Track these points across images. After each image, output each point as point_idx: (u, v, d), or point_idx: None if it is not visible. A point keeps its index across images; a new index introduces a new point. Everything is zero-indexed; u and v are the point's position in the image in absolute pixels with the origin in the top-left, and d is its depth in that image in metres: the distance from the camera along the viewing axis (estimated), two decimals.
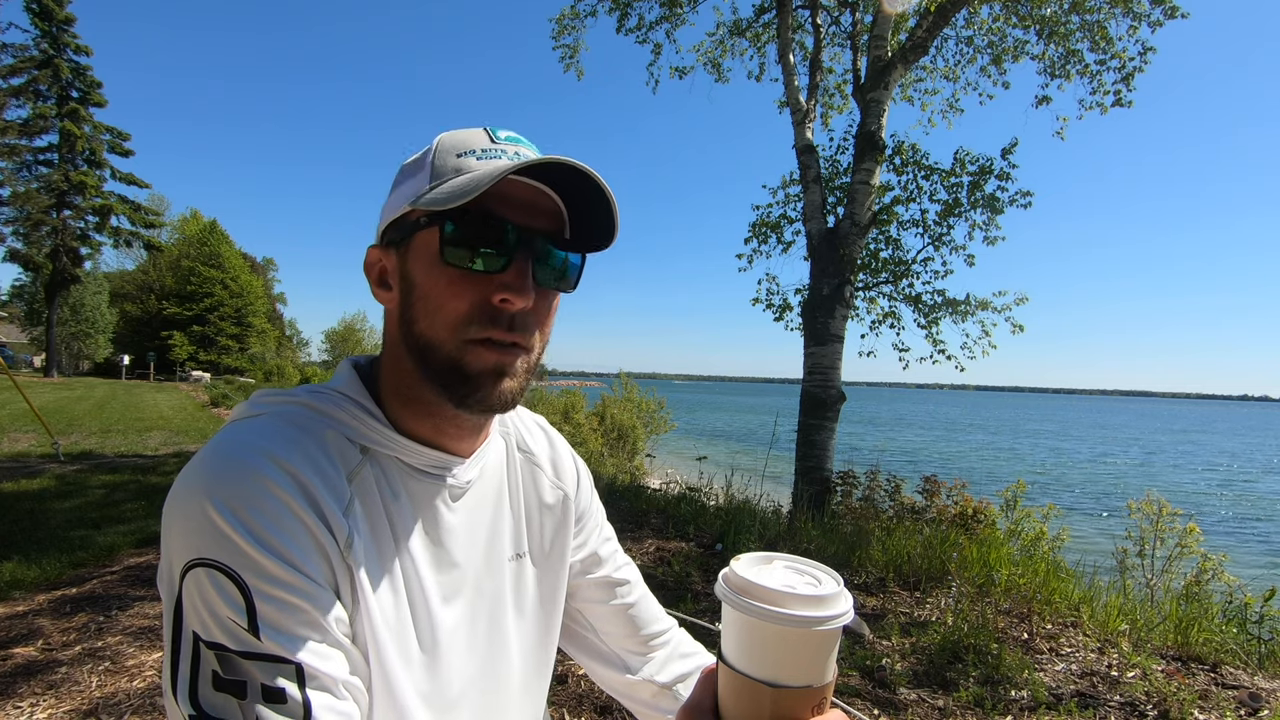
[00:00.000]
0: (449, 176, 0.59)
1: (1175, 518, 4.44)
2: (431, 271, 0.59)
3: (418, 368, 0.61)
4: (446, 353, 0.59)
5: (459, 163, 0.60)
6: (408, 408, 0.65)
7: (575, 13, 8.22)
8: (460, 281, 0.59)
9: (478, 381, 0.60)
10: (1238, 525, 13.72)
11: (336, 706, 0.51)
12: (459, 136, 0.63)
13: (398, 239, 0.62)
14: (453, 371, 0.59)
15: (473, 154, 0.60)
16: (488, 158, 0.60)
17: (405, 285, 0.62)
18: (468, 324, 0.59)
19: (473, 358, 0.59)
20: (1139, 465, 28.27)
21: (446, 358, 0.59)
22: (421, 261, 0.60)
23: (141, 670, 2.78)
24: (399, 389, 0.65)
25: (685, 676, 0.84)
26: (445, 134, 0.64)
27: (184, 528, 0.52)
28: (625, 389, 19.46)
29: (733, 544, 4.75)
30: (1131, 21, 6.54)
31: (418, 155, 0.63)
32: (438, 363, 0.60)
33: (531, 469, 0.80)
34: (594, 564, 0.85)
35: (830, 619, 0.48)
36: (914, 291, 7.27)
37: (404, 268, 0.62)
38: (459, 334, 0.59)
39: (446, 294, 0.59)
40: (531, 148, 0.64)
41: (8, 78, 29.11)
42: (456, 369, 0.59)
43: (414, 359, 0.61)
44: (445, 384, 0.60)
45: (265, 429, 0.58)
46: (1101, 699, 2.71)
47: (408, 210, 0.60)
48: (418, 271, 0.61)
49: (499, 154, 0.60)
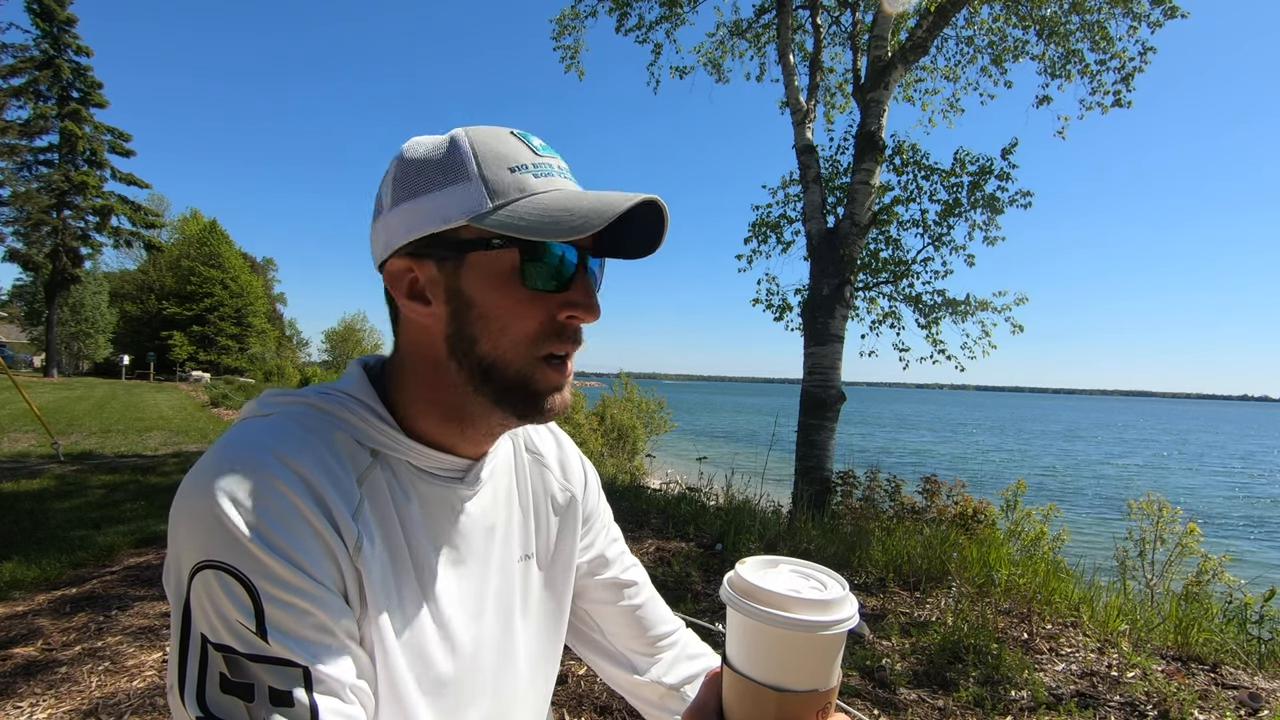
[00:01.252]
0: (514, 196, 0.57)
1: (1176, 518, 4.45)
2: (500, 292, 0.58)
3: (473, 384, 0.60)
4: (515, 370, 0.59)
5: (517, 180, 0.57)
6: (437, 415, 0.63)
7: (575, 13, 8.22)
8: (531, 301, 0.58)
9: (544, 397, 0.61)
10: (1262, 530, 13.43)
11: (344, 710, 0.51)
12: (497, 145, 0.59)
13: (444, 253, 0.59)
14: (520, 389, 0.60)
15: (525, 170, 0.58)
16: (542, 174, 0.59)
17: (459, 303, 0.59)
18: (538, 342, 0.59)
19: (540, 375, 0.60)
20: (1153, 468, 27.62)
21: (515, 375, 0.59)
22: (484, 281, 0.58)
23: (141, 670, 2.78)
24: (431, 399, 0.63)
25: (693, 678, 0.84)
26: (471, 134, 0.60)
27: (192, 528, 0.51)
28: (625, 389, 19.47)
29: (733, 544, 4.75)
30: (1131, 22, 6.55)
31: (441, 156, 0.59)
32: (504, 380, 0.60)
33: (540, 470, 0.80)
34: (601, 565, 0.84)
35: (835, 624, 0.48)
36: (914, 291, 7.28)
37: (455, 284, 0.59)
38: (529, 352, 0.59)
39: (517, 314, 0.58)
40: (560, 155, 0.63)
41: (8, 78, 29.09)
42: (524, 386, 0.60)
43: (469, 375, 0.60)
44: (509, 400, 0.60)
45: (274, 429, 0.57)
46: (1101, 699, 2.71)
47: (462, 225, 0.57)
48: (478, 290, 0.58)
49: (548, 169, 0.60)
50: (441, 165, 0.59)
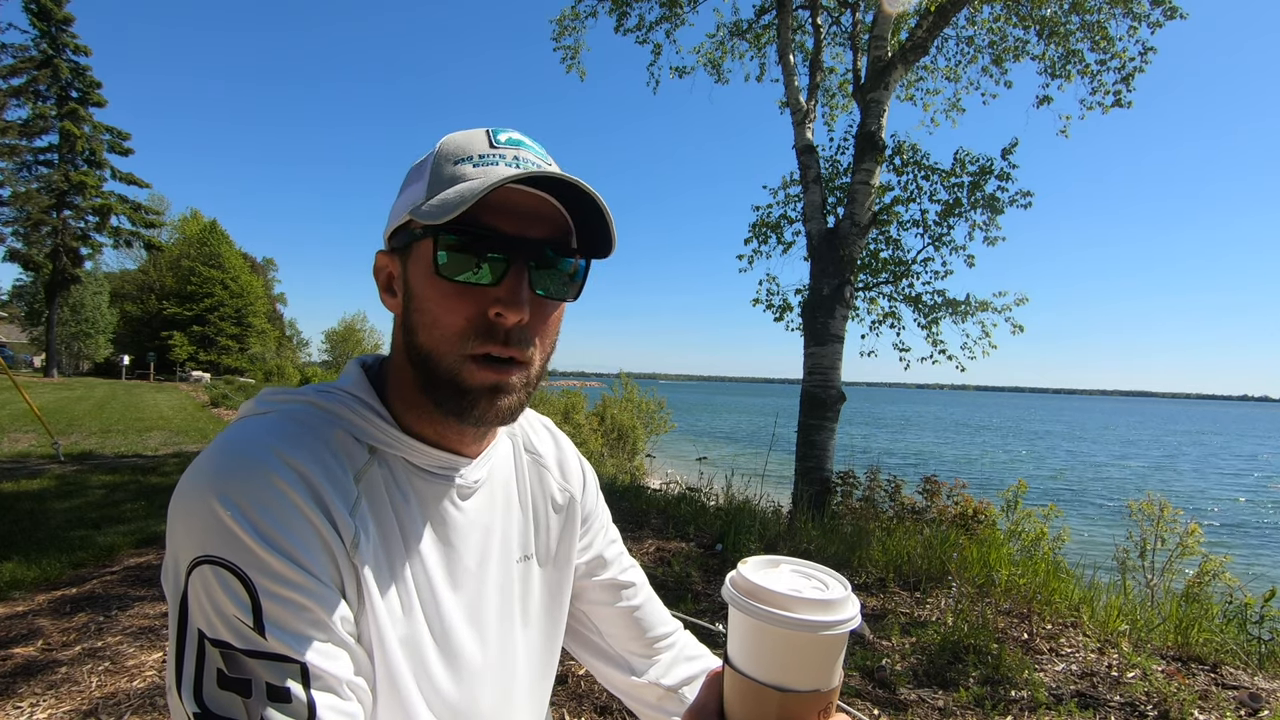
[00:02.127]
0: (444, 186, 0.58)
1: (1176, 518, 4.45)
2: (428, 283, 0.59)
3: (418, 377, 0.61)
4: (445, 366, 0.59)
5: (455, 170, 0.59)
6: (412, 411, 0.65)
7: (575, 14, 8.22)
8: (456, 295, 0.58)
9: (474, 398, 0.59)
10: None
11: (341, 707, 0.51)
12: (459, 141, 0.62)
13: (401, 246, 0.62)
14: (450, 386, 0.59)
15: (469, 161, 0.59)
16: (485, 164, 0.59)
17: (407, 294, 0.62)
18: (465, 338, 0.58)
19: (468, 374, 0.59)
20: (1162, 470, 26.84)
21: (445, 371, 0.59)
22: (419, 272, 0.60)
23: (141, 670, 2.78)
24: (403, 393, 0.65)
25: (691, 679, 0.84)
26: (448, 137, 0.63)
27: (190, 525, 0.52)
28: (625, 389, 19.47)
29: (733, 544, 4.75)
30: (1131, 22, 6.55)
31: (422, 159, 0.63)
32: (436, 375, 0.60)
33: (539, 470, 0.80)
34: (599, 566, 0.84)
35: (837, 624, 0.48)
36: (914, 292, 7.28)
37: (406, 276, 0.62)
38: (457, 348, 0.59)
39: (443, 307, 0.58)
40: (536, 150, 0.63)
41: (7, 78, 29.07)
42: (453, 383, 0.59)
43: (415, 368, 0.61)
44: (443, 397, 0.60)
45: (273, 427, 0.57)
46: (1101, 699, 2.71)
47: (407, 219, 0.60)
48: (416, 282, 0.61)
49: (497, 159, 0.59)
50: (418, 167, 0.63)
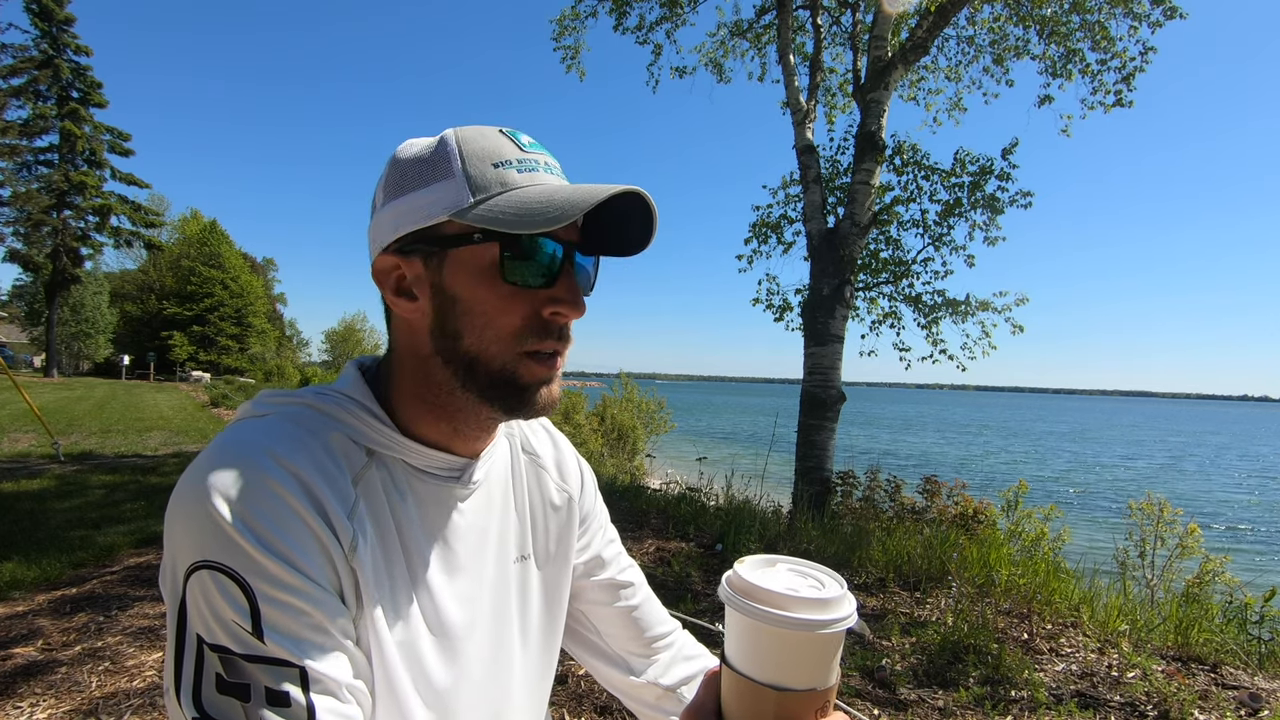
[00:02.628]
0: (495, 190, 0.57)
1: (1176, 518, 4.45)
2: (483, 287, 0.58)
3: (459, 379, 0.61)
4: (499, 366, 0.59)
5: (500, 175, 0.58)
6: (428, 413, 0.64)
7: (576, 14, 8.21)
8: (514, 297, 0.59)
9: (531, 392, 0.61)
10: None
11: (340, 710, 0.51)
12: (483, 142, 0.60)
13: (428, 249, 0.60)
14: (506, 384, 0.60)
15: (509, 165, 0.59)
16: (526, 170, 0.59)
17: (443, 298, 0.60)
18: (522, 338, 0.59)
19: (525, 370, 0.60)
20: (1169, 471, 26.25)
21: (499, 370, 0.60)
22: (467, 276, 0.59)
23: (141, 670, 2.78)
24: (421, 396, 0.63)
25: (689, 679, 0.84)
26: (459, 133, 0.60)
27: (188, 529, 0.51)
28: (625, 389, 19.47)
29: (733, 544, 4.75)
30: (1132, 22, 6.55)
31: (428, 155, 0.60)
32: (489, 375, 0.60)
33: (536, 470, 0.80)
34: (598, 566, 0.84)
35: (834, 622, 0.48)
36: (914, 292, 7.28)
37: (439, 280, 0.60)
38: (512, 347, 0.59)
39: (499, 309, 0.59)
40: (548, 152, 0.63)
41: (8, 78, 29.08)
42: (510, 381, 0.60)
43: (454, 371, 0.61)
44: (495, 395, 0.61)
45: (270, 429, 0.57)
46: (1102, 699, 2.71)
47: (444, 220, 0.58)
48: (462, 285, 0.59)
49: (533, 165, 0.60)
50: (429, 163, 0.60)
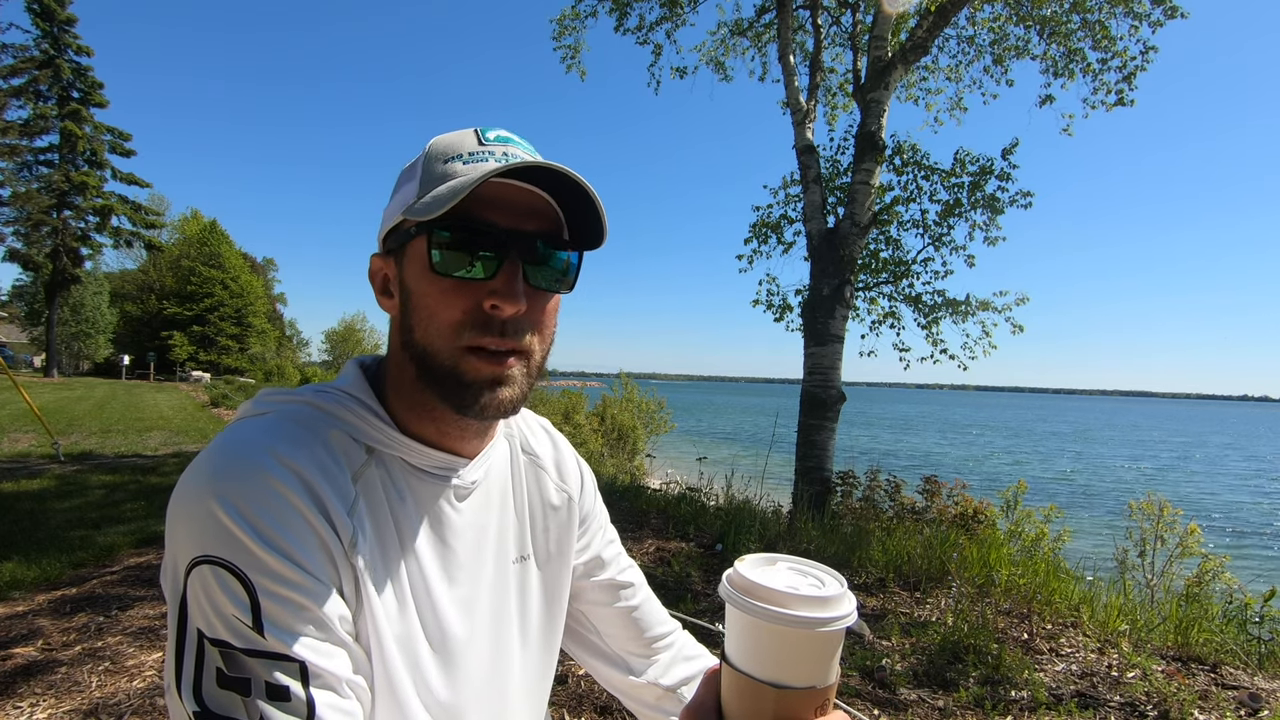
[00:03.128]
0: (436, 184, 0.59)
1: (1176, 518, 4.44)
2: (424, 280, 0.60)
3: (418, 374, 0.62)
4: (443, 361, 0.60)
5: (445, 169, 0.60)
6: (412, 411, 0.65)
7: (575, 14, 8.22)
8: (452, 290, 0.59)
9: (476, 390, 0.60)
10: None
11: (340, 705, 0.51)
12: (448, 140, 0.63)
13: (395, 247, 0.63)
14: (450, 379, 0.60)
15: (459, 158, 0.60)
16: (474, 160, 0.60)
17: (403, 294, 0.63)
18: (461, 331, 0.59)
19: (468, 366, 0.59)
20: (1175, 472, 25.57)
21: (443, 365, 0.60)
22: (415, 270, 0.61)
23: (141, 670, 2.78)
24: (403, 393, 0.65)
25: (689, 679, 0.84)
26: (437, 137, 0.64)
27: (189, 525, 0.52)
28: (625, 389, 19.46)
29: (733, 544, 4.75)
30: (1132, 22, 6.54)
31: (413, 161, 0.64)
32: (436, 370, 0.60)
33: (536, 471, 0.80)
34: (597, 567, 0.85)
35: (833, 620, 0.48)
36: (914, 292, 7.28)
37: (401, 276, 0.63)
38: (453, 341, 0.59)
39: (439, 302, 0.59)
40: (524, 146, 0.64)
41: (8, 78, 29.07)
42: (453, 376, 0.60)
43: (415, 366, 0.62)
44: (444, 391, 0.61)
45: (270, 427, 0.58)
46: (1101, 699, 2.71)
47: (401, 219, 0.61)
48: (412, 280, 0.61)
49: (486, 156, 0.60)
50: (409, 169, 0.64)
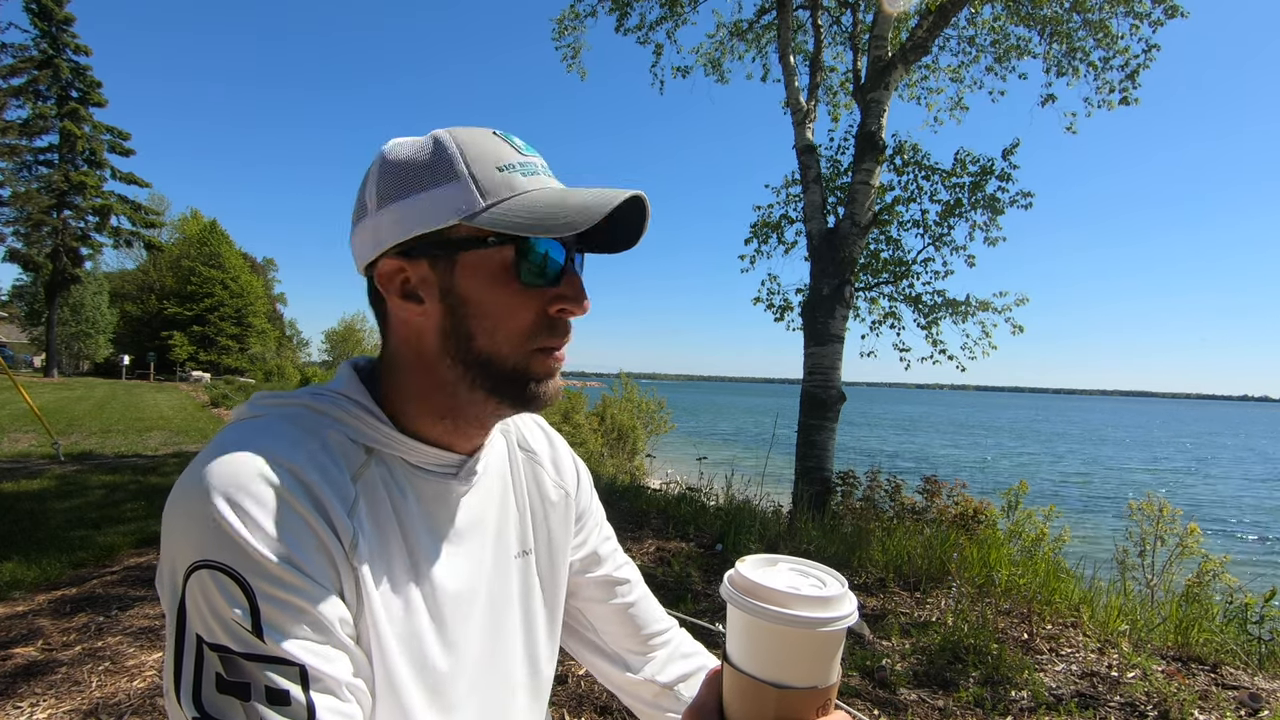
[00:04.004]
0: (505, 195, 0.58)
1: (1176, 518, 4.44)
2: (496, 289, 0.59)
3: (469, 378, 0.61)
4: (513, 364, 0.61)
5: (507, 179, 0.58)
6: (430, 412, 0.64)
7: (575, 13, 8.22)
8: (524, 295, 0.60)
9: (540, 385, 0.63)
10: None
11: (340, 708, 0.51)
12: (484, 145, 0.60)
13: (436, 252, 0.60)
14: (518, 381, 0.62)
15: (514, 169, 0.59)
16: (528, 173, 0.60)
17: (453, 300, 0.60)
18: (533, 336, 0.61)
19: (537, 365, 0.62)
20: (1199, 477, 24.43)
21: (512, 369, 0.61)
22: (479, 278, 0.59)
23: (141, 670, 2.78)
24: (423, 395, 0.64)
25: (687, 676, 0.84)
26: (455, 135, 0.60)
27: (187, 530, 0.51)
28: (625, 389, 19.47)
29: (733, 544, 4.75)
30: (1133, 21, 6.54)
31: (427, 157, 0.59)
32: (502, 373, 0.61)
33: (533, 467, 0.80)
34: (594, 563, 0.85)
35: (835, 620, 0.48)
36: (914, 292, 7.29)
37: (448, 282, 0.60)
38: (525, 346, 0.61)
39: (512, 309, 0.60)
40: (539, 154, 0.65)
41: (8, 78, 29.07)
42: (522, 378, 0.62)
43: (465, 370, 0.61)
44: (507, 392, 0.62)
45: (267, 430, 0.57)
46: (1102, 699, 2.71)
47: (454, 224, 0.58)
48: (473, 288, 0.59)
49: (533, 168, 0.61)
50: (429, 165, 0.59)
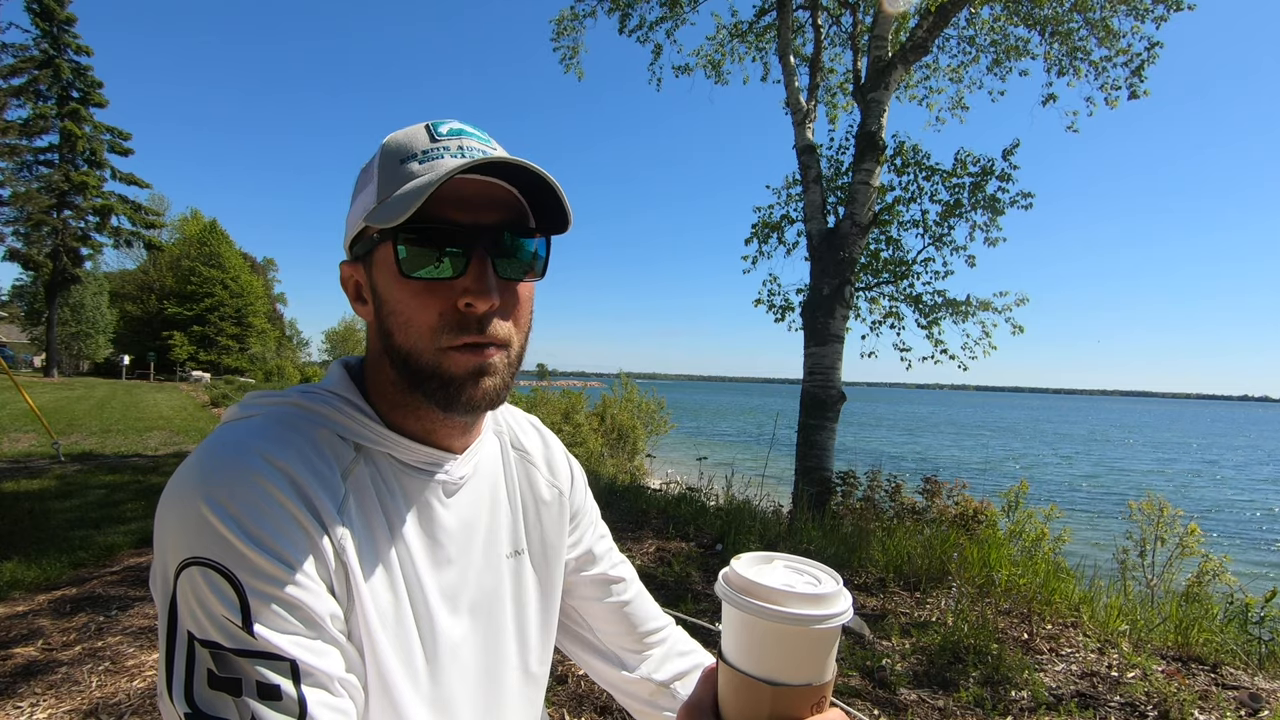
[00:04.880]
0: (394, 187, 0.59)
1: (1176, 518, 4.44)
2: (395, 285, 0.59)
3: (401, 376, 0.62)
4: (425, 362, 0.60)
5: (402, 170, 0.59)
6: (397, 410, 0.65)
7: (574, 14, 8.24)
8: (424, 292, 0.59)
9: (460, 385, 0.60)
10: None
11: (332, 703, 0.51)
12: (400, 139, 0.61)
13: (363, 254, 0.63)
14: (434, 379, 0.60)
15: (413, 158, 0.59)
16: (429, 159, 0.59)
17: (376, 299, 0.62)
18: (440, 333, 0.59)
19: (450, 364, 0.60)
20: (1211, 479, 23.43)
21: (426, 367, 0.60)
22: (385, 276, 0.60)
23: (141, 670, 2.78)
24: (386, 393, 0.65)
25: (683, 675, 0.84)
26: (390, 136, 0.62)
27: (178, 527, 0.52)
28: (625, 389, 19.45)
29: (733, 544, 4.75)
30: (1135, 20, 6.53)
31: (368, 163, 0.63)
32: (420, 372, 0.60)
33: (526, 467, 0.80)
34: (589, 561, 0.85)
35: (829, 617, 0.48)
36: (914, 292, 7.29)
37: (372, 282, 0.62)
38: (434, 343, 0.59)
39: (413, 306, 0.59)
40: (479, 137, 0.62)
41: (8, 78, 29.08)
42: (437, 376, 0.60)
43: (397, 369, 0.62)
44: (429, 391, 0.61)
45: (257, 429, 0.58)
46: (1102, 699, 2.71)
47: (363, 226, 0.60)
48: (384, 286, 0.61)
49: (440, 153, 0.59)
50: (365, 170, 0.63)
